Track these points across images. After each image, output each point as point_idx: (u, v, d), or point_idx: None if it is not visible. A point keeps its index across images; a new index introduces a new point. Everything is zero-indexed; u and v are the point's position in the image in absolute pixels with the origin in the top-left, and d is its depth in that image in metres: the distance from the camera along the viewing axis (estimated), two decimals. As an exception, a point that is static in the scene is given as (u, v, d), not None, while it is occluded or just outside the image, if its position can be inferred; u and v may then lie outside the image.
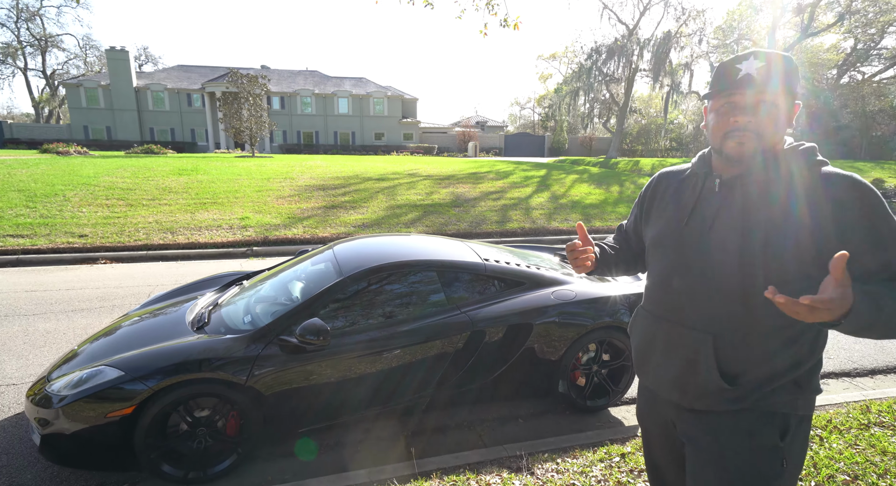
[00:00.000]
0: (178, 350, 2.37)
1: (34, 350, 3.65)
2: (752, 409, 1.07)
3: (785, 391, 1.06)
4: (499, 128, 47.73)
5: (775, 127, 1.03)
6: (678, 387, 1.14)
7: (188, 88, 33.76)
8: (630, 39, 29.21)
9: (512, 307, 2.89)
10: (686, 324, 1.11)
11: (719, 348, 1.07)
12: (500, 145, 39.14)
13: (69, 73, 45.46)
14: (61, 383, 2.28)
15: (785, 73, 1.01)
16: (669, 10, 29.35)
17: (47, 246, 6.95)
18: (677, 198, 1.20)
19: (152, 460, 2.23)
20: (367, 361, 2.56)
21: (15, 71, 45.00)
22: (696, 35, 29.68)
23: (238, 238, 7.86)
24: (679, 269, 1.13)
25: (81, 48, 47.48)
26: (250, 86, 21.48)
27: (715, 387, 1.07)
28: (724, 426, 1.09)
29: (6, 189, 9.53)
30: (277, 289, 3.02)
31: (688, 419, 1.15)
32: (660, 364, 1.18)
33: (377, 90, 37.25)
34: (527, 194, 12.15)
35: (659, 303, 1.19)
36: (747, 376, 1.06)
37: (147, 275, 6.01)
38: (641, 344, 1.24)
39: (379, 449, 2.64)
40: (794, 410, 1.07)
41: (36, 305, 4.71)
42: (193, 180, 11.46)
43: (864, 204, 0.96)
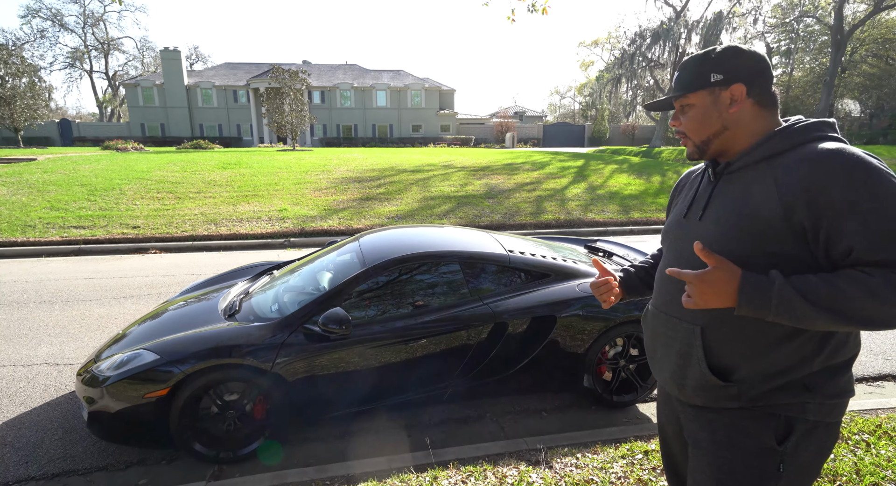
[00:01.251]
0: (209, 337, 2.49)
1: (89, 333, 3.95)
2: (750, 408, 1.02)
3: (789, 393, 0.99)
4: (538, 118, 46.74)
5: (698, 124, 1.07)
6: (676, 381, 1.11)
7: (234, 85, 35.17)
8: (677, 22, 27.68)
9: (535, 299, 2.83)
10: (678, 316, 1.09)
11: (708, 341, 1.04)
12: (538, 136, 38.37)
13: (128, 73, 48.56)
14: (106, 364, 2.45)
15: (691, 71, 1.06)
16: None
17: (105, 237, 7.48)
18: (686, 193, 1.22)
19: (186, 439, 2.36)
20: (389, 350, 2.59)
21: (82, 73, 48.62)
22: (751, 15, 27.77)
23: (277, 229, 8.16)
24: (674, 261, 1.13)
25: (139, 50, 50.61)
26: (291, 81, 22.11)
27: (708, 382, 1.04)
28: (721, 424, 1.05)
29: (71, 184, 10.32)
30: (305, 279, 3.10)
31: (689, 415, 1.13)
32: (661, 358, 1.16)
33: (415, 82, 37.38)
34: (563, 185, 11.87)
35: (658, 296, 1.19)
36: (740, 372, 1.01)
37: (192, 264, 6.35)
38: (648, 339, 1.23)
39: (400, 438, 2.67)
40: (803, 414, 0.99)
41: (93, 291, 5.09)
42: (236, 174, 11.97)
43: (844, 180, 0.87)
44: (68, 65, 47.34)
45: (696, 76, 1.05)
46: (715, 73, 1.03)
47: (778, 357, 0.98)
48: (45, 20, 44.68)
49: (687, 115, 1.08)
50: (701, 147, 1.09)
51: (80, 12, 45.03)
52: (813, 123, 1.00)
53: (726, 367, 1.02)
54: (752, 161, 1.01)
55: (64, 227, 7.76)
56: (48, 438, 2.60)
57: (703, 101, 1.05)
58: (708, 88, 1.04)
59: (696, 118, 1.07)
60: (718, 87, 1.03)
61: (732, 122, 1.04)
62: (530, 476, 2.16)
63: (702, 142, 1.08)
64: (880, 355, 3.63)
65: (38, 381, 3.18)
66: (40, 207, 8.59)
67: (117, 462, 2.44)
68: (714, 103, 1.04)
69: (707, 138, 1.07)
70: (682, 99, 1.08)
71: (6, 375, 3.26)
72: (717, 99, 1.04)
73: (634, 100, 34.41)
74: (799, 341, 0.97)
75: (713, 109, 1.05)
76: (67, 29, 45.87)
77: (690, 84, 1.06)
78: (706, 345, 1.04)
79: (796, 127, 1.00)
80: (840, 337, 0.98)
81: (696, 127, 1.08)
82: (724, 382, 1.02)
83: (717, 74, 1.03)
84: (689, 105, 1.08)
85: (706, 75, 1.04)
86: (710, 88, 1.04)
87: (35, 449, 2.51)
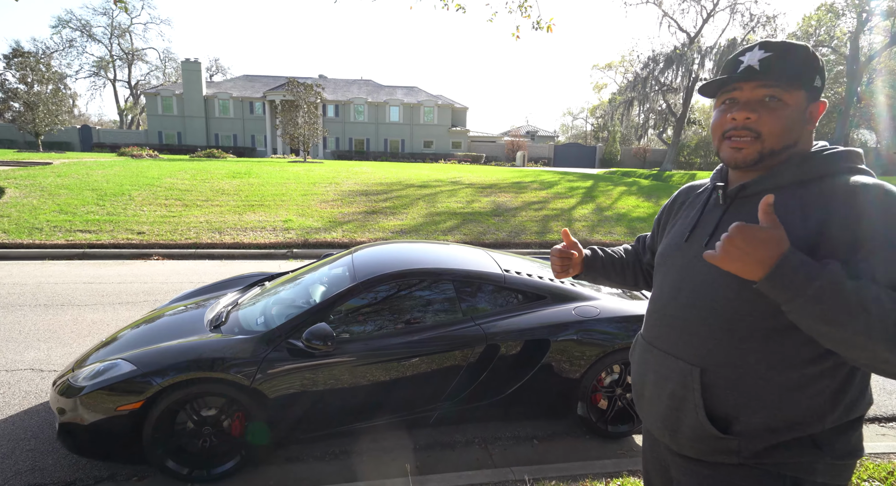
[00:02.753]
0: (190, 348, 2.41)
1: (79, 339, 3.91)
2: (752, 466, 0.89)
3: (797, 451, 0.87)
4: (549, 138, 47.05)
5: (783, 127, 0.88)
6: (668, 427, 0.98)
7: (251, 97, 35.93)
8: (690, 47, 27.89)
9: (529, 322, 2.73)
10: (674, 353, 0.97)
11: (707, 386, 0.91)
12: (549, 155, 38.57)
13: (150, 83, 49.94)
14: (84, 373, 2.38)
15: (799, 64, 0.87)
16: (736, 16, 27.74)
17: (109, 242, 7.52)
18: (687, 213, 1.09)
19: (158, 455, 2.27)
20: (375, 369, 2.50)
21: (105, 82, 50.15)
22: None
23: (280, 240, 8.15)
24: (672, 290, 1.00)
25: (162, 60, 52.16)
26: (306, 94, 22.53)
27: (704, 432, 0.91)
28: (717, 481, 0.93)
29: (82, 188, 10.47)
30: (294, 292, 3.03)
31: (680, 467, 1.00)
32: (651, 399, 1.03)
33: (428, 99, 37.93)
34: (570, 205, 11.79)
35: (651, 328, 1.06)
36: (741, 423, 0.89)
37: (192, 272, 6.33)
38: (636, 375, 1.10)
39: (384, 461, 2.55)
40: (811, 475, 0.86)
41: (90, 296, 5.07)
42: (245, 183, 12.08)
43: (880, 217, 0.78)
44: (93, 73, 48.94)
45: (802, 72, 0.87)
46: (819, 78, 0.88)
47: (787, 409, 0.86)
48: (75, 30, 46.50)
49: (773, 111, 0.87)
50: (766, 155, 0.89)
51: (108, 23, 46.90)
52: (842, 153, 0.90)
53: (727, 416, 0.90)
54: (775, 185, 0.89)
55: (70, 230, 7.83)
56: (19, 448, 2.52)
57: (798, 104, 0.88)
58: (807, 91, 0.88)
59: (786, 119, 0.87)
60: (814, 95, 0.89)
61: (803, 141, 0.90)
62: (514, 512, 2.03)
63: (773, 149, 0.89)
64: (895, 394, 3.44)
65: (18, 387, 3.12)
66: (49, 211, 8.69)
67: (86, 477, 2.35)
68: (803, 111, 0.88)
69: (783, 147, 0.89)
70: (777, 90, 0.86)
71: (-11, 379, 3.21)
72: (805, 108, 0.89)
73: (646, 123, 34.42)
74: (811, 392, 0.85)
75: (800, 117, 0.88)
76: (95, 39, 47.63)
77: (795, 78, 0.86)
78: (705, 390, 0.91)
79: (826, 154, 0.90)
80: (856, 388, 0.87)
81: (780, 129, 0.87)
82: (724, 434, 0.89)
83: (820, 81, 0.89)
84: (779, 101, 0.87)
85: (811, 76, 0.87)
86: (810, 90, 0.88)
87: (3, 460, 2.43)
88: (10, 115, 22.88)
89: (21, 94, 22.51)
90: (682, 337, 0.96)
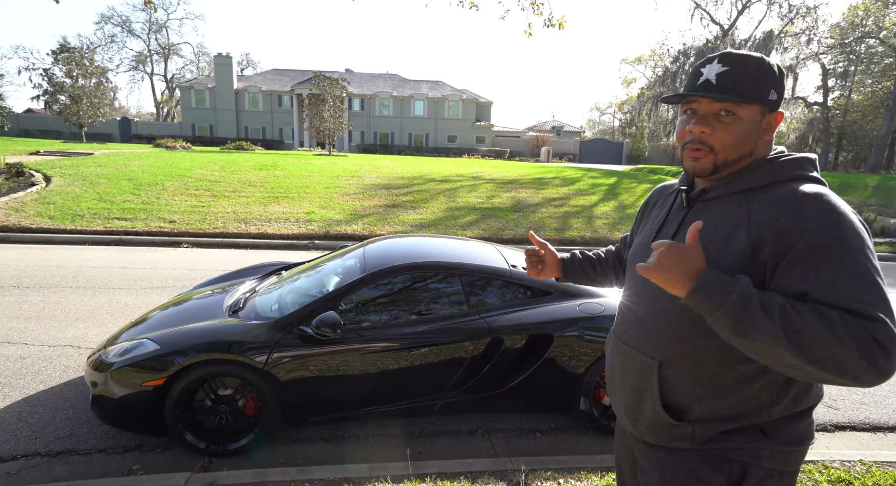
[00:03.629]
0: (209, 331, 2.58)
1: (113, 320, 4.17)
2: (704, 451, 0.96)
3: (745, 438, 0.93)
4: (575, 133, 46.30)
5: (735, 141, 0.92)
6: (630, 416, 1.06)
7: (279, 91, 36.66)
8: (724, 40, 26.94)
9: (533, 317, 2.78)
10: (637, 348, 1.04)
11: (664, 377, 0.98)
12: (575, 151, 37.96)
13: (184, 77, 51.76)
14: (113, 351, 2.58)
15: (755, 79, 0.91)
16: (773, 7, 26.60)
17: (143, 229, 7.92)
18: (656, 214, 1.15)
19: (179, 429, 2.44)
20: (381, 357, 2.60)
21: (143, 76, 52.24)
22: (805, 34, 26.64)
23: (302, 231, 8.39)
24: (637, 289, 1.07)
25: (195, 55, 53.99)
26: (332, 88, 22.84)
27: (661, 420, 0.98)
28: (672, 465, 0.99)
29: (120, 178, 11.01)
30: (308, 281, 3.16)
31: (643, 452, 1.07)
32: (618, 390, 1.10)
33: (453, 93, 37.87)
34: (591, 202, 11.65)
35: (620, 324, 1.13)
36: (695, 412, 0.96)
37: (218, 260, 6.61)
38: (608, 368, 1.17)
39: (387, 446, 2.66)
40: (758, 461, 0.92)
41: (124, 280, 5.38)
42: (271, 175, 12.42)
43: (815, 226, 0.81)
44: (132, 67, 51.02)
45: (756, 85, 0.90)
46: (774, 91, 0.92)
47: (735, 400, 0.92)
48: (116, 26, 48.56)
49: (727, 125, 0.91)
50: (721, 166, 0.94)
51: (146, 19, 48.82)
52: (795, 160, 0.94)
53: (681, 406, 0.97)
54: (730, 192, 0.95)
55: (108, 218, 8.27)
56: (58, 417, 2.75)
57: (753, 117, 0.91)
58: (761, 104, 0.91)
59: (737, 133, 0.91)
60: (770, 107, 0.93)
61: (759, 150, 0.94)
62: (507, 498, 2.10)
63: (727, 161, 0.93)
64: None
65: (59, 361, 3.38)
66: (90, 199, 9.19)
67: (116, 446, 2.55)
68: (759, 123, 0.92)
69: (736, 158, 0.93)
70: (731, 104, 0.90)
71: (33, 354, 3.48)
72: (762, 120, 0.93)
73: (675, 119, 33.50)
74: (759, 385, 0.91)
75: (756, 129, 0.92)
76: (134, 34, 49.61)
77: (748, 93, 0.90)
78: (662, 381, 0.98)
79: (777, 162, 0.93)
80: (803, 383, 0.91)
81: (732, 143, 0.92)
82: (678, 421, 0.96)
83: (776, 93, 0.92)
84: (733, 115, 0.91)
85: (766, 90, 0.91)
86: (764, 104, 0.91)
87: (45, 426, 2.66)
88: (58, 107, 24.16)
89: (67, 87, 23.74)
90: (644, 333, 1.02)
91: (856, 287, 0.77)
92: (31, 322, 4.05)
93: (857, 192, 14.91)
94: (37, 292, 4.84)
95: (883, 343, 0.73)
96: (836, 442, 2.94)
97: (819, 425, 3.12)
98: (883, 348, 0.73)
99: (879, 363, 0.72)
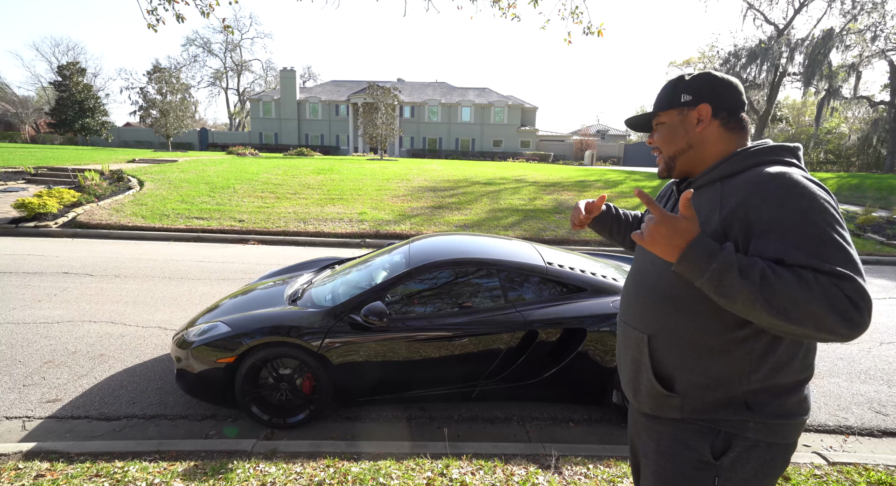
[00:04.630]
0: (272, 316, 2.92)
1: (192, 306, 4.73)
2: (693, 421, 1.05)
3: (731, 410, 1.01)
4: (620, 137, 44.84)
5: (667, 138, 1.14)
6: (631, 388, 1.17)
7: (336, 100, 38.46)
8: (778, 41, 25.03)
9: (567, 312, 2.88)
10: (633, 324, 1.16)
11: (654, 350, 1.09)
12: (619, 155, 36.97)
13: (254, 90, 55.66)
14: (194, 331, 2.99)
15: (667, 92, 1.13)
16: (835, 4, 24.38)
17: (217, 227, 8.73)
18: (662, 204, 1.28)
19: (246, 402, 2.79)
20: (423, 345, 2.81)
21: (219, 90, 56.81)
22: (870, 31, 24.13)
23: (355, 230, 8.86)
24: (634, 271, 1.21)
25: (264, 70, 57.96)
26: (384, 97, 23.72)
27: (654, 390, 1.09)
28: (665, 434, 1.10)
29: (199, 182, 12.14)
30: (358, 274, 3.45)
31: (642, 424, 1.18)
32: (623, 366, 1.22)
33: (499, 99, 38.09)
34: (633, 205, 11.32)
35: (622, 305, 1.25)
36: (681, 382, 1.06)
37: (281, 256, 7.18)
38: (617, 348, 1.29)
39: (429, 428, 2.87)
40: (743, 432, 1.00)
41: (201, 272, 6.02)
42: (327, 179, 13.15)
43: (777, 201, 0.89)
44: (211, 83, 55.75)
45: (668, 96, 1.13)
46: (685, 94, 1.10)
47: (712, 369, 1.01)
48: (199, 47, 53.32)
49: (659, 131, 1.16)
50: (669, 163, 1.15)
51: (223, 40, 53.28)
52: (769, 148, 1.03)
53: (669, 376, 1.07)
54: (709, 181, 1.06)
55: (188, 217, 9.19)
56: (151, 387, 3.22)
57: (673, 119, 1.13)
58: (677, 108, 1.11)
59: (665, 135, 1.14)
60: (687, 106, 1.10)
61: (697, 141, 1.10)
62: (537, 478, 2.23)
63: (669, 158, 1.15)
64: None
65: (150, 340, 3.92)
66: (174, 200, 10.24)
67: (195, 414, 2.95)
68: (682, 122, 1.11)
69: (674, 154, 1.13)
70: (656, 118, 1.16)
71: (130, 333, 4.05)
72: (685, 118, 1.11)
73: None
74: (734, 356, 1.00)
75: (681, 126, 1.11)
76: (213, 54, 54.48)
77: (662, 103, 1.14)
78: (652, 353, 1.09)
79: (751, 150, 1.04)
80: (780, 357, 0.98)
81: (665, 143, 1.14)
82: (668, 391, 1.07)
83: (687, 95, 1.10)
84: (661, 123, 1.15)
85: (677, 95, 1.11)
86: (679, 107, 1.11)
87: (141, 394, 3.13)
88: (149, 120, 27.34)
89: (157, 103, 26.78)
90: (637, 310, 1.15)
91: (824, 251, 0.84)
92: (129, 306, 4.68)
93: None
94: (132, 280, 5.55)
95: (854, 299, 0.80)
96: (882, 447, 2.80)
97: (865, 429, 2.99)
98: (854, 304, 0.80)
99: (853, 318, 0.79)
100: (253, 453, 2.47)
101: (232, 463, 2.31)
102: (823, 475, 2.32)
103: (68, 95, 33.46)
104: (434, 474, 2.26)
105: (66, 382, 3.24)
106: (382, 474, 2.23)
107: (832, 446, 2.80)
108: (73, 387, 3.17)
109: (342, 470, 2.27)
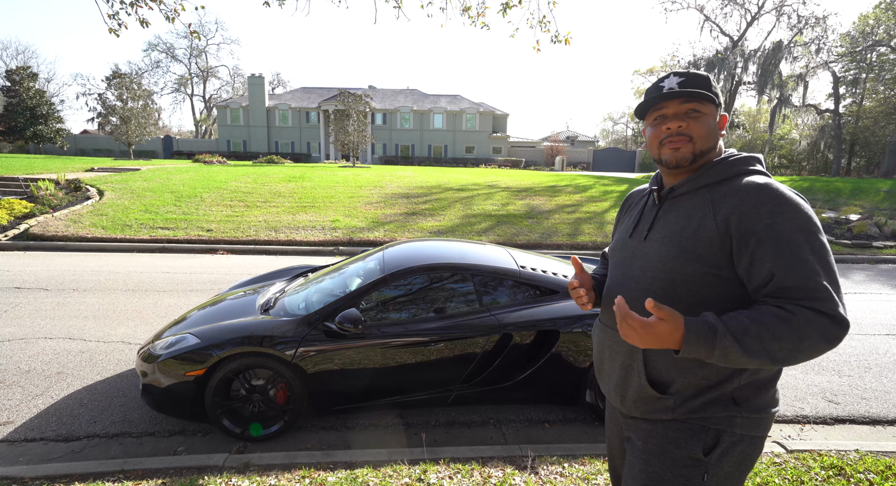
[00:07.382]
0: (243, 326, 2.85)
1: (158, 319, 4.55)
2: (684, 421, 1.08)
3: (720, 407, 1.06)
4: (589, 143, 46.42)
5: (706, 132, 1.09)
6: (619, 393, 1.18)
7: (307, 107, 37.98)
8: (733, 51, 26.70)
9: (541, 314, 2.94)
10: None
11: (648, 356, 1.11)
12: (588, 160, 38.20)
13: (221, 97, 54.29)
14: (160, 344, 2.89)
15: (706, 85, 1.09)
16: (782, 19, 26.37)
17: (184, 237, 8.45)
18: (631, 213, 1.29)
19: (217, 415, 2.71)
20: (399, 351, 2.81)
21: (184, 97, 55.14)
22: (815, 44, 26.22)
23: (328, 238, 8.76)
24: (620, 278, 1.20)
25: (231, 76, 56.69)
26: (355, 104, 23.61)
27: (647, 394, 1.11)
28: (654, 434, 1.12)
29: (163, 191, 11.73)
30: (332, 282, 3.42)
31: (629, 425, 1.19)
32: (608, 371, 1.22)
33: (470, 107, 38.61)
34: (603, 209, 11.67)
35: (606, 311, 1.25)
36: (676, 385, 1.08)
37: (251, 266, 7.01)
38: (596, 352, 1.30)
39: (405, 434, 2.86)
40: (731, 428, 1.05)
41: (167, 284, 5.82)
42: (299, 186, 12.96)
43: (768, 211, 0.97)
44: (175, 90, 54.08)
45: (709, 89, 1.09)
46: (718, 97, 1.11)
47: (708, 372, 1.05)
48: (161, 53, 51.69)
49: (697, 119, 1.08)
50: (697, 155, 1.09)
51: (188, 45, 51.82)
52: (744, 158, 1.10)
53: (664, 380, 1.09)
54: (694, 188, 1.10)
55: (153, 227, 8.86)
56: (114, 404, 3.08)
57: (712, 114, 1.10)
58: (717, 105, 1.10)
59: (707, 125, 1.08)
60: (719, 108, 1.11)
61: (718, 144, 1.12)
62: (514, 479, 2.26)
63: (703, 150, 1.09)
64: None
65: (112, 356, 3.75)
66: (137, 210, 9.86)
67: (163, 430, 2.84)
68: (715, 120, 1.10)
69: (705, 149, 1.09)
70: (697, 103, 1.07)
71: (91, 348, 3.87)
72: (716, 118, 1.11)
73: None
74: None
75: (715, 124, 1.10)
76: (177, 60, 52.87)
77: (706, 95, 1.07)
78: (646, 359, 1.11)
79: (730, 160, 1.10)
80: None
81: (705, 133, 1.08)
82: (661, 394, 1.09)
83: (719, 99, 1.11)
84: (699, 112, 1.08)
85: (717, 94, 1.10)
86: (718, 105, 1.10)
87: (102, 412, 2.99)
88: (109, 127, 26.29)
89: (118, 110, 25.78)
90: None
91: (805, 265, 0.93)
92: (89, 321, 4.47)
93: (869, 196, 14.41)
94: (92, 294, 5.31)
95: (834, 316, 0.91)
96: (834, 434, 2.98)
97: (818, 417, 3.17)
98: (835, 321, 0.91)
99: (839, 336, 0.91)
100: (225, 467, 2.40)
101: (203, 479, 2.24)
102: (782, 462, 2.45)
103: (18, 101, 31.79)
104: (412, 479, 2.25)
105: (19, 403, 3.07)
106: (359, 482, 2.22)
107: (790, 435, 2.96)
108: (26, 408, 3.01)
109: (318, 480, 2.24)
